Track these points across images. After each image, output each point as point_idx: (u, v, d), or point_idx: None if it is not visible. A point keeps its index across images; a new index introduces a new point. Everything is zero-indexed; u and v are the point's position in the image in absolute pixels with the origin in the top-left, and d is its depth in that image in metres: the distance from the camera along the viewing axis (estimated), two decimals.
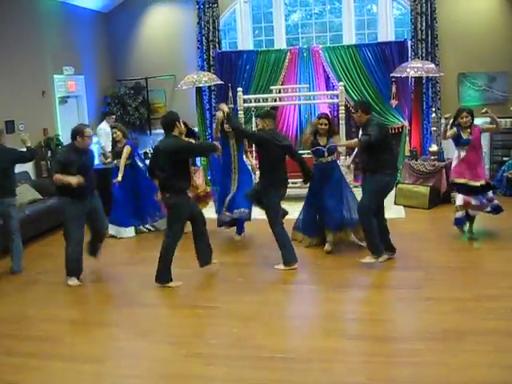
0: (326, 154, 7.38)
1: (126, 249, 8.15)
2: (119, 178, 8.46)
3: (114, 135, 8.82)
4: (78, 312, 5.91)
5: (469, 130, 7.68)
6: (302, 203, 7.83)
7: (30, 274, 7.16)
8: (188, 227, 6.77)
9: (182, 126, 6.65)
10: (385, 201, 7.00)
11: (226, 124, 7.74)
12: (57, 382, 4.47)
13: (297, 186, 9.35)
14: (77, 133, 6.59)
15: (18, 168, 9.21)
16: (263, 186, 6.95)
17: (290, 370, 4.46)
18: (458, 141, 7.68)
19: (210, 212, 8.16)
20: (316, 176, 7.33)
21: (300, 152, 7.77)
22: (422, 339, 4.84)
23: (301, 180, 7.43)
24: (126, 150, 8.62)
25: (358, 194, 7.20)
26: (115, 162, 8.80)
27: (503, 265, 6.61)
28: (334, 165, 7.63)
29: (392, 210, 7.78)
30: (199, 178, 8.91)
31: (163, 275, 6.40)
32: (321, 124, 7.41)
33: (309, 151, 7.81)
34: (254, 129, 11.33)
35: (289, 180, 7.19)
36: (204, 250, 6.69)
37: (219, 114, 7.86)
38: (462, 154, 7.66)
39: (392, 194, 8.24)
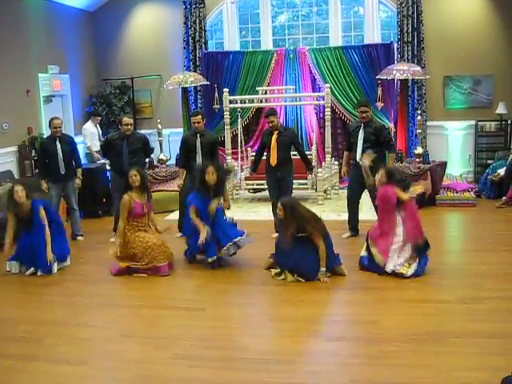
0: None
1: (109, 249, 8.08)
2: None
3: (16, 195, 6.92)
4: (60, 313, 5.86)
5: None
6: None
7: (9, 274, 7.11)
8: None
9: None
10: (370, 203, 7.20)
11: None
12: (40, 383, 4.42)
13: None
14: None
15: (2, 167, 9.18)
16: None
17: (274, 371, 4.44)
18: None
19: None
20: None
21: None
22: (405, 341, 4.84)
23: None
24: (42, 213, 7.04)
25: None
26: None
27: (487, 267, 6.63)
28: None
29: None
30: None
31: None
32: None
33: None
34: (240, 129, 11.36)
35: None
36: None
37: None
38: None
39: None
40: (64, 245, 7.39)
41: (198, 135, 8.10)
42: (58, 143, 8.23)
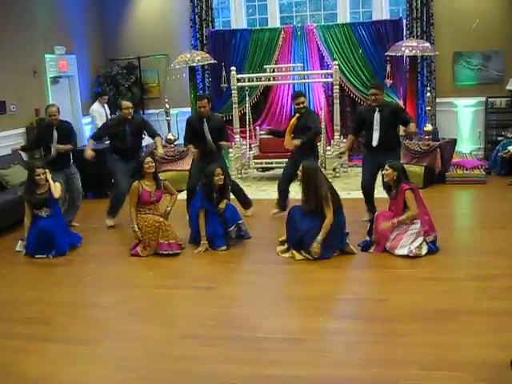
0: None
1: (118, 229, 8.10)
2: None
3: (38, 177, 7.06)
4: (70, 294, 5.87)
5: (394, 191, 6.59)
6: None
7: (18, 255, 7.14)
8: None
9: None
10: (379, 180, 7.14)
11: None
12: (51, 363, 4.44)
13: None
14: None
15: (10, 149, 9.18)
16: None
17: (284, 350, 4.45)
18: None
19: None
20: None
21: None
22: (415, 319, 4.83)
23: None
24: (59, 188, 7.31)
25: None
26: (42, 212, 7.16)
27: (497, 244, 6.60)
28: None
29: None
30: None
31: None
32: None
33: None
34: (248, 107, 11.31)
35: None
36: None
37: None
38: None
39: None
40: (73, 234, 7.50)
41: (205, 120, 7.88)
42: (54, 132, 7.95)
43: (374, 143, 7.35)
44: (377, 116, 7.33)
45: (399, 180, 6.47)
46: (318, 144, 9.91)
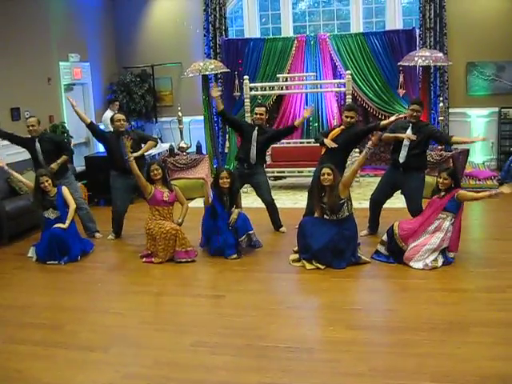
0: None
1: (130, 236, 8.12)
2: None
3: (42, 185, 7.07)
4: (82, 300, 5.90)
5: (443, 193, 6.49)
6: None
7: (30, 261, 7.19)
8: None
9: None
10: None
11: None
12: (61, 370, 4.46)
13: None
14: None
15: (24, 155, 9.24)
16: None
17: (293, 359, 4.45)
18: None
19: None
20: None
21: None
22: (425, 330, 4.81)
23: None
24: (68, 194, 7.31)
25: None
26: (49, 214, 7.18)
27: (509, 256, 6.57)
28: None
29: (399, 200, 7.73)
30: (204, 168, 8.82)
31: None
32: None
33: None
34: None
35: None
36: None
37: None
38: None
39: None
40: (85, 241, 7.57)
41: (256, 128, 7.81)
42: (37, 143, 7.72)
43: (401, 160, 7.07)
44: (408, 132, 7.06)
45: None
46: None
